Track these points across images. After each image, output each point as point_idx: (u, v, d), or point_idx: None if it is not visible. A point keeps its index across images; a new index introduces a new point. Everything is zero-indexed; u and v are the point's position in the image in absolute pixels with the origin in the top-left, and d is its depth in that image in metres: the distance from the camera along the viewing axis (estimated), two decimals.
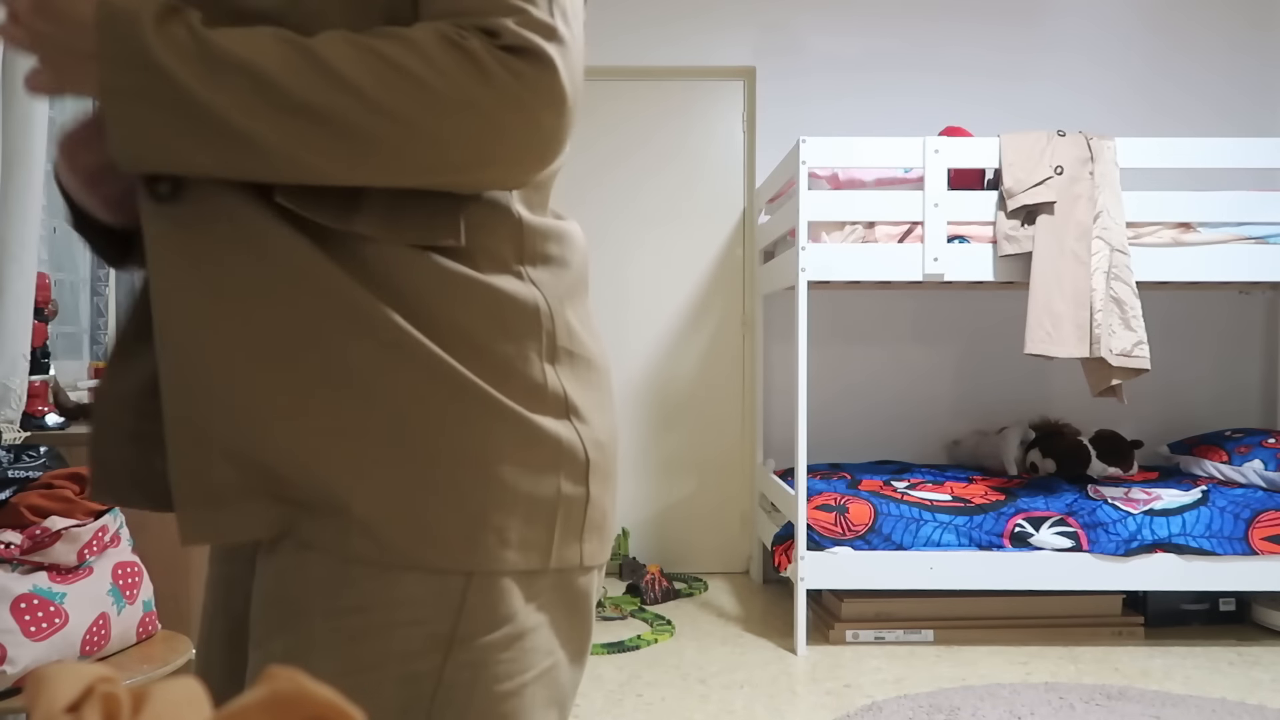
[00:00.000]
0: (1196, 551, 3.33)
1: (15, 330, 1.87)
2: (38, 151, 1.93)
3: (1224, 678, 3.09)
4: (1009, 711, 2.76)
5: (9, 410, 1.88)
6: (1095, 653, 3.33)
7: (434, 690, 0.74)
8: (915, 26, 4.47)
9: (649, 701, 2.90)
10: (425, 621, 0.73)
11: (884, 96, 4.46)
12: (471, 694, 0.75)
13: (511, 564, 0.76)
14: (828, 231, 3.49)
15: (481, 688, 0.75)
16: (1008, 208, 3.34)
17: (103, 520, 1.77)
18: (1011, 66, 4.47)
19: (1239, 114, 4.49)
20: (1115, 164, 3.35)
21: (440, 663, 0.74)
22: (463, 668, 0.74)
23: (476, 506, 0.75)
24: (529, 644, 0.78)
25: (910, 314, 4.48)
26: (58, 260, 2.65)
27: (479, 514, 0.75)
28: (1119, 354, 3.26)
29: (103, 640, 1.73)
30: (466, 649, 0.74)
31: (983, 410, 4.45)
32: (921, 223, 3.39)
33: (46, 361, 2.10)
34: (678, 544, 4.53)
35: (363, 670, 0.73)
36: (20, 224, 1.88)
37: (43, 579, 1.66)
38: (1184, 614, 3.61)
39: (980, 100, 4.46)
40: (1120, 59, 4.48)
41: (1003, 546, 3.38)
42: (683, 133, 4.53)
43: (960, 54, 4.47)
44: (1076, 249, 3.27)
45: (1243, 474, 3.61)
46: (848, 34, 4.47)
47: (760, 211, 4.32)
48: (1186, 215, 3.39)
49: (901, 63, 4.46)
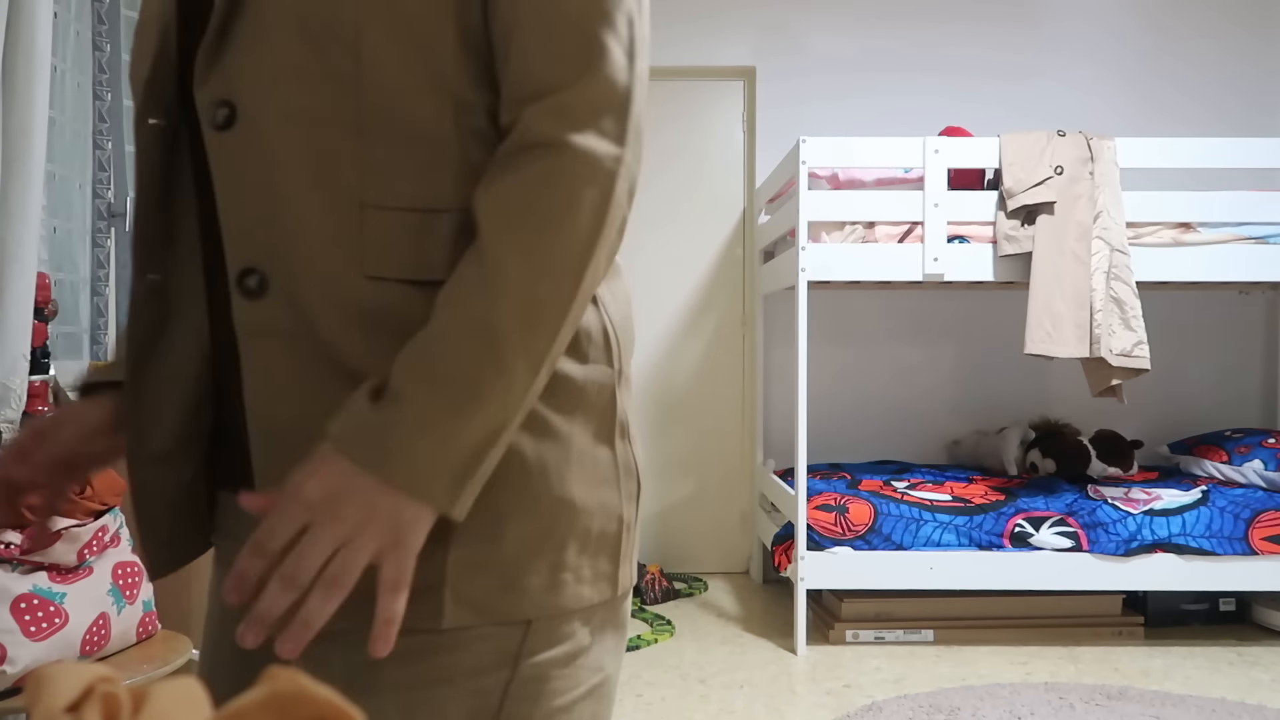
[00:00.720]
0: (1196, 551, 3.33)
1: (15, 330, 1.87)
2: (38, 151, 1.93)
3: (1224, 678, 3.09)
4: (1009, 711, 2.76)
5: (9, 410, 1.88)
6: (1095, 653, 3.33)
7: (500, 705, 0.74)
8: (915, 26, 4.47)
9: (649, 701, 2.90)
10: (493, 638, 0.74)
11: (884, 96, 4.46)
12: (534, 708, 0.75)
13: (587, 599, 0.77)
14: (828, 231, 3.49)
15: (544, 702, 0.76)
16: (1008, 208, 3.34)
17: (103, 520, 1.77)
18: (1011, 66, 4.47)
19: (1239, 114, 4.49)
20: (1115, 164, 3.35)
21: (508, 678, 0.74)
22: (527, 683, 0.75)
23: (556, 551, 0.75)
24: (584, 661, 0.79)
25: (910, 314, 4.48)
26: (58, 260, 2.65)
27: (558, 558, 0.75)
28: (1119, 354, 3.26)
29: (103, 640, 1.73)
30: (531, 665, 0.75)
31: (983, 410, 4.45)
32: (921, 223, 3.39)
33: (46, 361, 2.10)
34: (678, 544, 4.53)
35: (432, 685, 0.73)
36: (20, 224, 1.88)
37: (43, 579, 1.66)
38: (1184, 614, 3.61)
39: (980, 100, 4.46)
40: (1120, 59, 4.48)
41: (1003, 546, 3.38)
42: (683, 133, 4.53)
43: (960, 54, 4.47)
44: (1076, 249, 3.27)
45: (1243, 474, 3.61)
46: (848, 34, 4.47)
47: (760, 211, 4.32)
48: (1186, 215, 3.39)
49: (901, 63, 4.46)
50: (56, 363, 2.20)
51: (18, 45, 1.87)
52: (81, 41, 2.72)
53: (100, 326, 2.78)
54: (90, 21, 2.75)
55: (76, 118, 2.71)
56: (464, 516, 0.69)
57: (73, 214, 2.71)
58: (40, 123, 1.93)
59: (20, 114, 1.88)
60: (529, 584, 0.74)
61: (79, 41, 2.71)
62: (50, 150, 2.16)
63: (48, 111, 1.97)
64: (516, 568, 0.74)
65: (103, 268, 2.80)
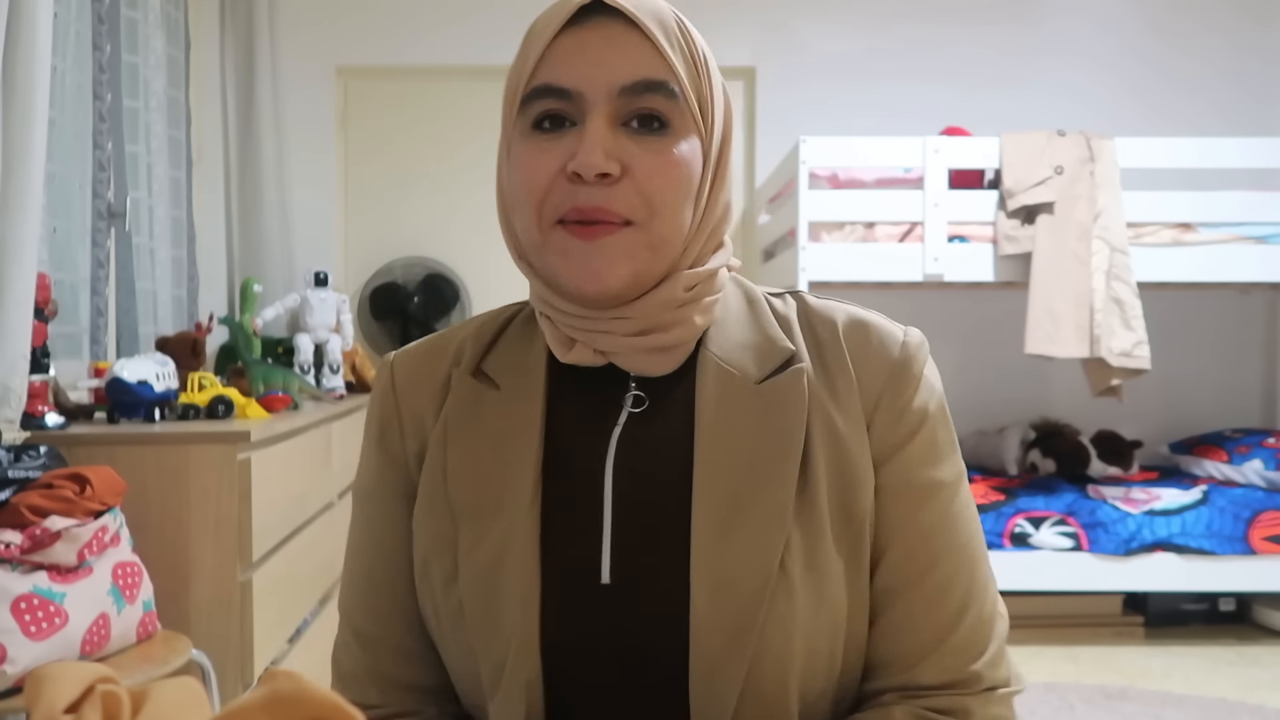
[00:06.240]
0: (1196, 551, 3.33)
1: (15, 330, 1.87)
2: (38, 151, 1.93)
3: (1224, 678, 3.09)
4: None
5: (9, 410, 1.88)
6: (1095, 653, 3.33)
7: None
8: (915, 26, 4.47)
9: None
10: None
11: (884, 96, 4.45)
12: None
13: None
14: (828, 231, 3.49)
15: None
16: (1008, 208, 3.34)
17: (103, 520, 1.77)
18: (1012, 66, 4.46)
19: (1239, 114, 4.48)
20: (1115, 164, 3.35)
21: None
22: None
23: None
24: None
25: (910, 314, 4.45)
26: (58, 260, 2.65)
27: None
28: (1119, 354, 3.26)
29: (103, 640, 1.73)
30: None
31: (983, 410, 4.45)
32: (921, 223, 3.39)
33: (46, 361, 2.09)
34: None
35: None
36: (20, 224, 1.87)
37: (43, 579, 1.66)
38: (1184, 614, 3.60)
39: (980, 100, 4.46)
40: (1120, 59, 4.48)
41: (1003, 546, 3.38)
42: None
43: (960, 54, 4.46)
44: (1076, 249, 3.27)
45: (1243, 474, 3.61)
46: (848, 34, 4.46)
47: (760, 211, 4.32)
48: (1186, 215, 3.39)
49: (901, 63, 4.46)
50: (56, 363, 2.20)
51: (18, 45, 1.87)
52: (81, 41, 2.72)
53: (100, 326, 2.78)
54: (90, 21, 2.75)
55: (76, 118, 2.71)
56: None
57: (73, 214, 2.71)
58: (40, 123, 1.93)
59: (20, 114, 1.87)
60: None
61: (79, 41, 2.71)
62: (50, 150, 2.15)
63: (48, 111, 1.97)
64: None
65: (103, 268, 2.80)
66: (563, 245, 0.79)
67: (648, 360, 0.83)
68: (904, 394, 0.84)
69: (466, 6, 4.23)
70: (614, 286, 0.78)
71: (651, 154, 0.78)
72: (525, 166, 0.79)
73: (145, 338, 3.09)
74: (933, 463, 0.84)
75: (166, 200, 3.34)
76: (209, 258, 3.67)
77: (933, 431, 0.85)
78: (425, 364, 0.90)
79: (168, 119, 3.37)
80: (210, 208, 3.71)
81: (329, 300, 3.35)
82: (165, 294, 3.32)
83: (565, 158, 0.78)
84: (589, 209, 0.77)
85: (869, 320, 0.87)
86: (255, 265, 3.70)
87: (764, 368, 0.83)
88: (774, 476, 0.79)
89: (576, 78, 0.78)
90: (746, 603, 0.76)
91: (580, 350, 0.82)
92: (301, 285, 3.44)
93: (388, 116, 4.32)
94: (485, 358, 0.88)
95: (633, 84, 0.78)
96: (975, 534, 0.85)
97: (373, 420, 0.91)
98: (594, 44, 0.79)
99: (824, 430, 0.81)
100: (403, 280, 4.08)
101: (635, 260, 0.78)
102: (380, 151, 4.31)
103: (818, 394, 0.82)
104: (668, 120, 0.79)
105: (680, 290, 0.81)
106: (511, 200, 0.83)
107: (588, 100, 0.78)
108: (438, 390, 0.88)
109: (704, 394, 0.82)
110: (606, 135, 0.77)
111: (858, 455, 0.81)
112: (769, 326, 0.85)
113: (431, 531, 0.84)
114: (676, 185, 0.79)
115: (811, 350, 0.84)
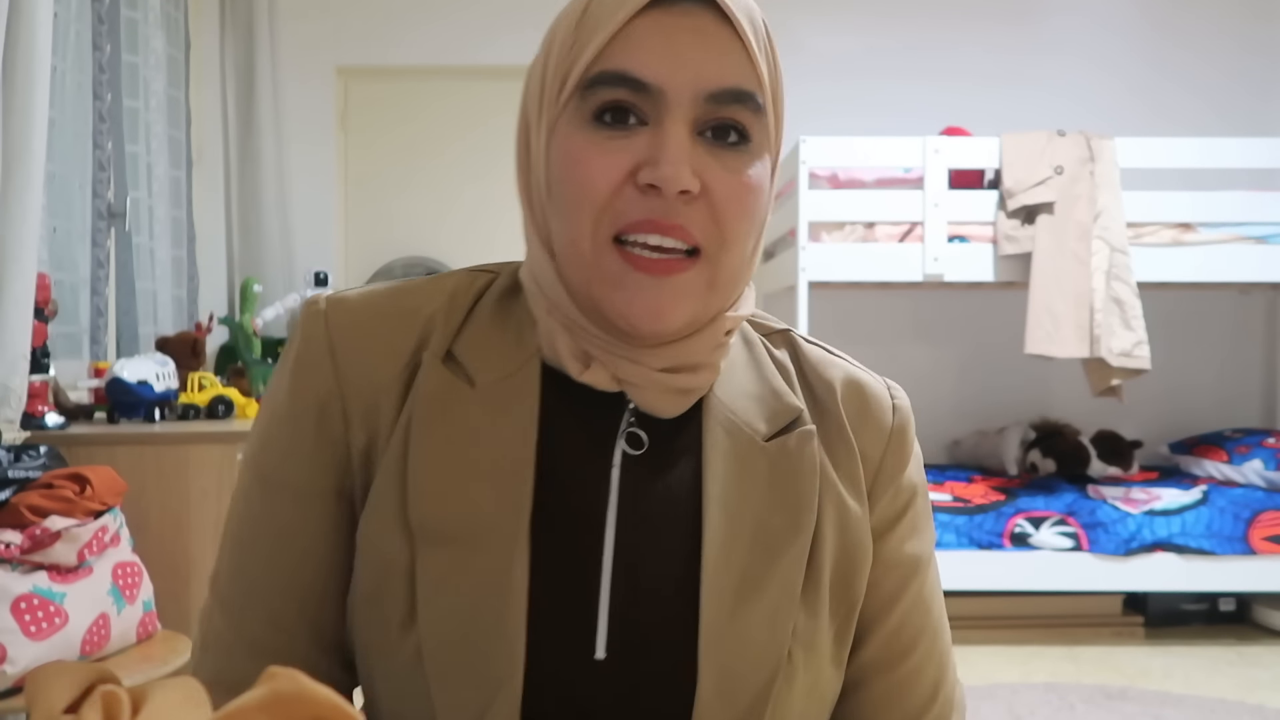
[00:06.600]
0: (1196, 551, 3.33)
1: (15, 330, 1.87)
2: (38, 151, 1.93)
3: (1224, 678, 3.08)
4: (1009, 711, 2.76)
5: (9, 410, 1.88)
6: (1095, 653, 3.33)
7: None
8: (915, 26, 4.47)
9: None
10: None
11: (884, 96, 4.45)
12: None
13: None
14: (828, 231, 3.49)
15: None
16: (1008, 208, 3.34)
17: (103, 520, 1.77)
18: (1011, 66, 4.46)
19: (1239, 114, 4.48)
20: (1115, 164, 3.35)
21: None
22: None
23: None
24: None
25: (910, 314, 4.48)
26: (58, 260, 2.65)
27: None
28: (1119, 354, 3.26)
29: (103, 640, 1.73)
30: None
31: (983, 410, 4.45)
32: (921, 223, 3.39)
33: (46, 361, 2.10)
34: None
35: None
36: (20, 224, 1.87)
37: (43, 579, 1.66)
38: (1184, 614, 3.60)
39: (980, 100, 4.45)
40: (1120, 59, 4.48)
41: (1003, 546, 3.38)
42: None
43: (960, 54, 4.46)
44: (1076, 249, 3.27)
45: (1243, 474, 3.61)
46: (848, 34, 4.46)
47: None
48: (1186, 215, 3.39)
49: (901, 63, 4.46)
50: (56, 363, 2.20)
51: (18, 45, 1.87)
52: (81, 41, 2.72)
53: (100, 326, 2.78)
54: (90, 21, 2.75)
55: (76, 118, 2.71)
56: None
57: (73, 214, 2.71)
58: (40, 123, 1.93)
59: (20, 114, 1.87)
60: None
61: (79, 41, 2.71)
62: (50, 150, 2.15)
63: (48, 111, 1.97)
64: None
65: (102, 268, 2.80)
66: (618, 274, 0.68)
67: (663, 399, 0.73)
68: (901, 466, 0.80)
69: (467, 7, 4.23)
70: (673, 326, 0.69)
71: (730, 173, 0.68)
72: (583, 164, 0.67)
73: (145, 338, 3.09)
74: (919, 537, 0.82)
75: (166, 200, 3.34)
76: (209, 258, 3.67)
77: (922, 503, 0.82)
78: (382, 331, 0.73)
79: (168, 119, 3.37)
80: (210, 208, 3.72)
81: None
82: (165, 294, 3.32)
83: (635, 162, 0.67)
84: (669, 225, 0.67)
85: (863, 382, 0.81)
86: (255, 265, 3.70)
87: (772, 424, 0.76)
88: (785, 553, 0.73)
89: (658, 72, 0.67)
90: (755, 696, 0.70)
91: (597, 371, 0.72)
92: (301, 285, 3.45)
93: (388, 116, 4.32)
94: (455, 339, 0.74)
95: (721, 91, 0.68)
96: (943, 606, 0.85)
97: (301, 390, 0.73)
98: (683, 35, 0.68)
99: (832, 504, 0.76)
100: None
101: (695, 299, 0.69)
102: (380, 151, 4.31)
103: (823, 461, 0.76)
104: (749, 135, 0.70)
105: (721, 333, 0.73)
106: (557, 199, 0.70)
107: (669, 100, 0.67)
108: (399, 373, 0.72)
109: (712, 447, 0.73)
110: (688, 145, 0.67)
111: (862, 533, 0.77)
112: (772, 378, 0.78)
113: (381, 552, 0.70)
114: (751, 213, 0.70)
115: (811, 409, 0.78)
